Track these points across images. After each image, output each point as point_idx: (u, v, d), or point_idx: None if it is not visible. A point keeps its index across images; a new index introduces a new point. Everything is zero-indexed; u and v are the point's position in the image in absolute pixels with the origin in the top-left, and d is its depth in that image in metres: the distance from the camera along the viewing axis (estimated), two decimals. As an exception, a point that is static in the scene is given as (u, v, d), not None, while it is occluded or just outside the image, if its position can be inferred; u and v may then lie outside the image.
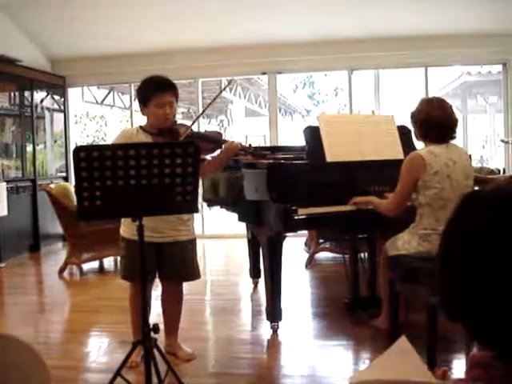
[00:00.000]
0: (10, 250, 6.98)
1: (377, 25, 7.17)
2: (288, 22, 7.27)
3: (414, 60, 7.63)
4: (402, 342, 1.16)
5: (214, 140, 3.20)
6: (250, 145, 3.44)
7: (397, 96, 13.52)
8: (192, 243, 3.37)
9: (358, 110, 10.91)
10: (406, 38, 7.32)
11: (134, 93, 8.88)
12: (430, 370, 1.16)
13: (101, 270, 6.38)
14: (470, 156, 3.49)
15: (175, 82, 3.32)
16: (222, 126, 18.52)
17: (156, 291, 3.59)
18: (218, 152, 3.28)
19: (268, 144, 8.91)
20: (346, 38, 7.46)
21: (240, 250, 6.70)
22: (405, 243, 3.26)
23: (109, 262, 6.52)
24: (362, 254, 4.34)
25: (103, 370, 3.30)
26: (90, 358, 3.62)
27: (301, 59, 7.88)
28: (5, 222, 6.79)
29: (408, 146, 3.85)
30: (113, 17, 7.24)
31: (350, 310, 4.06)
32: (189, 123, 3.32)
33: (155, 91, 3.17)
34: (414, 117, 3.35)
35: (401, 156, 3.71)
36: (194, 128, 3.34)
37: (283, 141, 8.55)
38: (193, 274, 3.39)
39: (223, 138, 3.28)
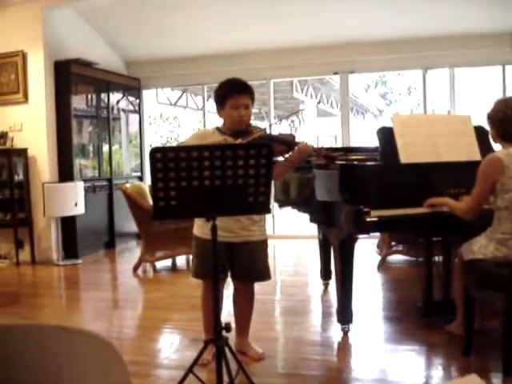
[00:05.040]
0: (86, 247, 7.22)
1: (452, 22, 6.99)
2: (360, 21, 7.18)
3: (491, 58, 7.40)
4: (473, 379, 1.11)
5: (286, 142, 3.20)
6: (322, 147, 3.42)
7: (473, 95, 13.14)
8: (263, 244, 3.38)
9: (431, 110, 10.69)
10: (483, 35, 7.10)
11: (206, 94, 9.01)
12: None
13: (173, 268, 6.49)
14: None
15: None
16: (293, 126, 18.51)
17: (228, 290, 3.63)
18: (290, 154, 3.28)
19: (339, 144, 8.86)
20: (420, 36, 7.31)
21: (311, 251, 6.69)
22: (481, 247, 3.17)
23: (181, 261, 6.63)
24: (436, 258, 4.24)
25: (175, 366, 3.36)
26: (162, 355, 3.70)
27: (373, 58, 7.78)
28: (82, 219, 7.04)
29: (485, 147, 3.72)
30: (186, 20, 7.36)
31: (423, 315, 3.97)
32: (260, 124, 3.33)
33: (231, 93, 3.20)
34: (491, 117, 3.25)
35: (478, 157, 3.60)
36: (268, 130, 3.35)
37: (355, 141, 8.46)
38: (263, 274, 3.40)
39: (296, 140, 3.26)
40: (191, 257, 3.59)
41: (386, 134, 3.69)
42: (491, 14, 6.73)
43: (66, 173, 7.10)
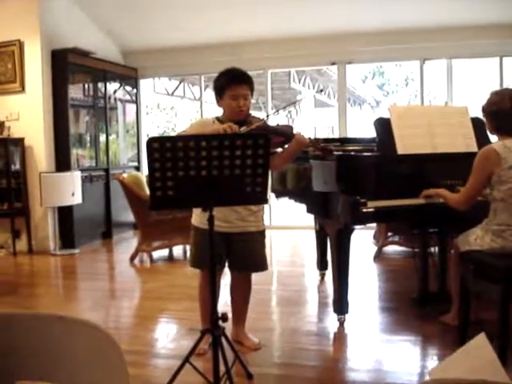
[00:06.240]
0: (83, 237, 7.23)
1: (450, 14, 6.97)
2: (358, 11, 7.16)
3: (489, 49, 7.39)
4: (481, 339, 1.13)
5: (284, 133, 3.19)
6: (318, 139, 3.42)
7: (471, 87, 13.13)
8: (261, 235, 3.38)
9: (429, 101, 10.68)
10: (481, 27, 7.09)
11: (203, 84, 8.99)
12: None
13: (170, 258, 6.50)
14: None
15: (244, 73, 3.33)
16: (290, 116, 18.48)
17: (225, 280, 3.63)
18: (288, 145, 3.27)
19: (336, 135, 8.85)
20: (418, 27, 7.30)
21: (307, 241, 6.70)
22: (477, 239, 3.18)
23: (178, 251, 6.64)
24: (432, 249, 4.26)
25: (172, 356, 3.38)
26: (158, 344, 3.71)
27: (371, 49, 7.76)
28: (79, 209, 7.04)
29: (482, 139, 3.73)
30: (183, 9, 7.32)
31: (419, 305, 3.99)
32: (258, 114, 3.32)
33: (230, 83, 3.19)
34: (485, 110, 3.26)
35: (474, 149, 3.60)
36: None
37: (352, 132, 8.45)
38: (260, 265, 3.40)
39: (294, 131, 3.26)
40: (188, 246, 3.60)
41: (383, 125, 3.69)
42: (489, 6, 6.71)
43: (62, 162, 7.09)
